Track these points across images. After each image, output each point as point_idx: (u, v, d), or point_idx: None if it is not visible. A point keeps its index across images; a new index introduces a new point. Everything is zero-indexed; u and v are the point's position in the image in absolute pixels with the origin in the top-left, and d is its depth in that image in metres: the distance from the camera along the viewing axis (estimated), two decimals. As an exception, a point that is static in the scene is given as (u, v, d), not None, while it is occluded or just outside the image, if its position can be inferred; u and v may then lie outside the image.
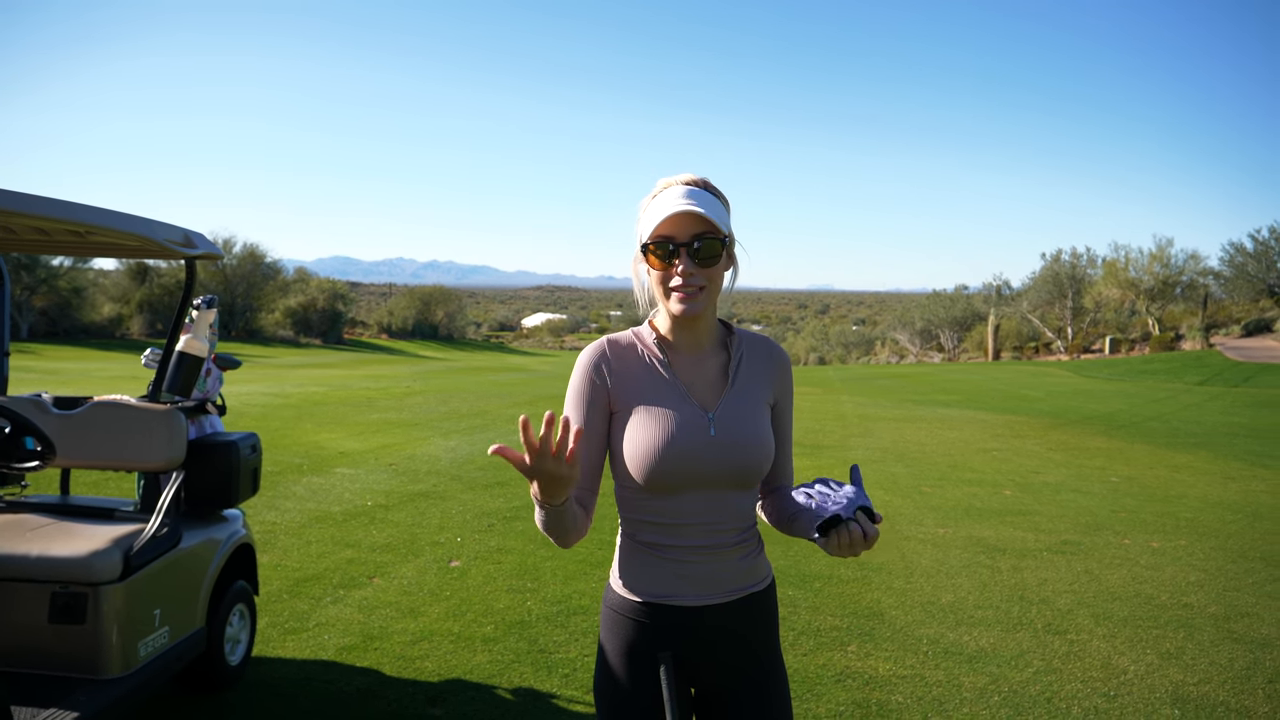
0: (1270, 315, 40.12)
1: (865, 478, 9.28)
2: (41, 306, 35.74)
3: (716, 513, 1.75)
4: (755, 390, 1.81)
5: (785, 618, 4.83)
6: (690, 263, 1.69)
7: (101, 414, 3.54)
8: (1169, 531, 7.10)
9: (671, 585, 1.76)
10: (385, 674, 3.96)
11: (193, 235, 3.56)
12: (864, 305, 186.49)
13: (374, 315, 64.43)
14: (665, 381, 1.76)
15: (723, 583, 1.77)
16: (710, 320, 1.81)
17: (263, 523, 6.49)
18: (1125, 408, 17.77)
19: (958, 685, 4.01)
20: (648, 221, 1.71)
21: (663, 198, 1.72)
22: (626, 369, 1.77)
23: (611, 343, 1.80)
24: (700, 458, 1.71)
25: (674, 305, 1.72)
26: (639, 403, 1.74)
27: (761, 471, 1.77)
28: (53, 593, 3.01)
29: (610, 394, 1.76)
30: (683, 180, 1.75)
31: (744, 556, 1.80)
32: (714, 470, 1.72)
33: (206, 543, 3.62)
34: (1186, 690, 4.01)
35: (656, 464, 1.69)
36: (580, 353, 1.81)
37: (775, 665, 1.84)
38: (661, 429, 1.71)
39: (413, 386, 19.17)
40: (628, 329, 1.86)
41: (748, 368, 1.82)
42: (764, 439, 1.77)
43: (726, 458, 1.72)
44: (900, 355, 56.13)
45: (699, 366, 1.80)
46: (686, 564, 1.75)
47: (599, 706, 1.82)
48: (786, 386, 1.88)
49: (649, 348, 1.80)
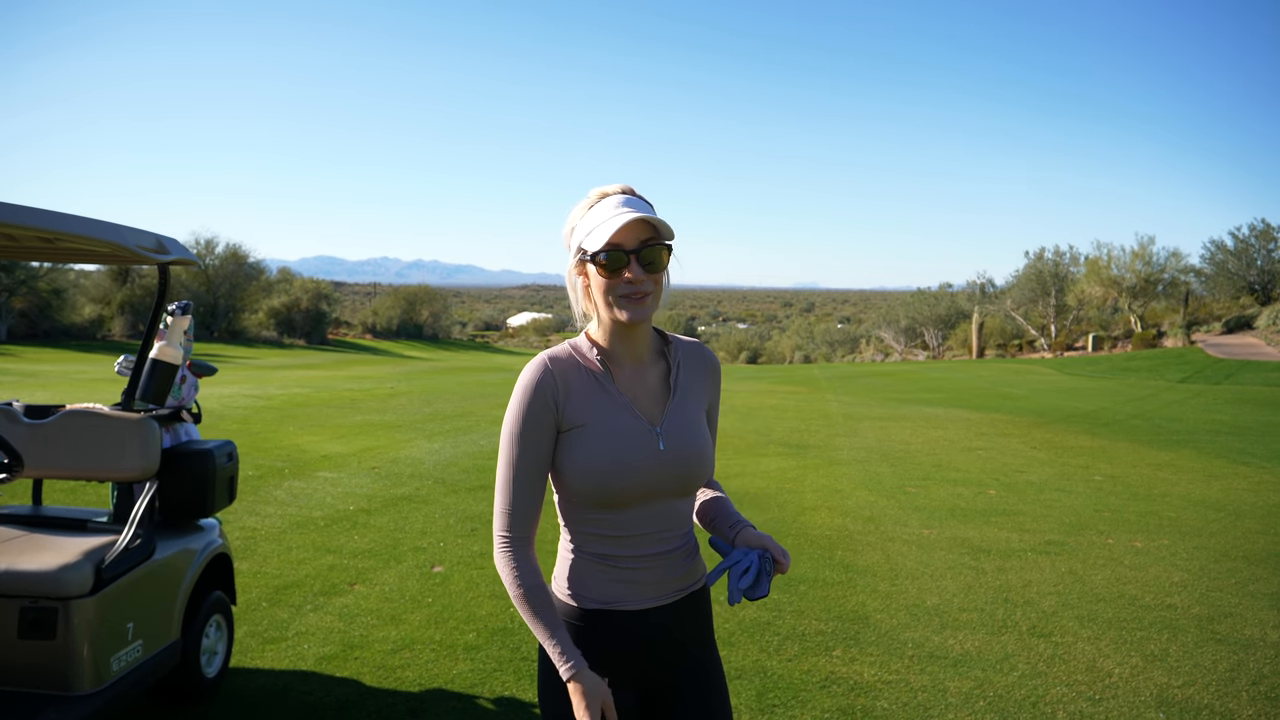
0: (1250, 312, 40.46)
1: (851, 477, 9.30)
2: (21, 308, 35.36)
3: (663, 521, 1.79)
4: (694, 398, 1.85)
5: (769, 623, 4.80)
6: (639, 270, 1.69)
7: (73, 423, 3.47)
8: (1152, 531, 7.12)
9: (620, 591, 1.78)
10: (365, 684, 3.91)
11: (165, 241, 3.49)
12: (849, 303, 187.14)
13: (358, 315, 64.14)
14: (610, 396, 1.76)
15: (667, 585, 1.82)
16: (648, 329, 1.83)
17: (243, 528, 6.42)
18: (1108, 405, 17.87)
19: (943, 690, 3.99)
20: (596, 231, 1.70)
21: (602, 207, 1.73)
22: (571, 386, 1.75)
23: (553, 359, 1.77)
24: (651, 471, 1.73)
25: (622, 313, 1.71)
26: (585, 420, 1.74)
27: (705, 478, 1.83)
28: (22, 607, 2.94)
29: (558, 414, 1.74)
30: (619, 189, 1.77)
31: (686, 558, 1.85)
32: (663, 483, 1.75)
33: (182, 553, 3.55)
34: (1171, 693, 4.00)
35: (609, 482, 1.71)
36: (520, 373, 1.77)
37: (712, 658, 1.91)
38: (611, 447, 1.72)
39: (397, 387, 19.06)
40: (563, 343, 1.84)
41: (685, 376, 1.86)
42: (706, 448, 1.82)
43: (674, 470, 1.76)
44: (885, 353, 56.33)
45: (640, 378, 1.81)
46: (636, 571, 1.78)
47: (544, 715, 1.81)
48: (717, 390, 1.94)
49: (590, 361, 1.78)
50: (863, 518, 7.42)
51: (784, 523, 7.14)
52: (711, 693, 1.87)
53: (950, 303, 55.59)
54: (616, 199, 1.74)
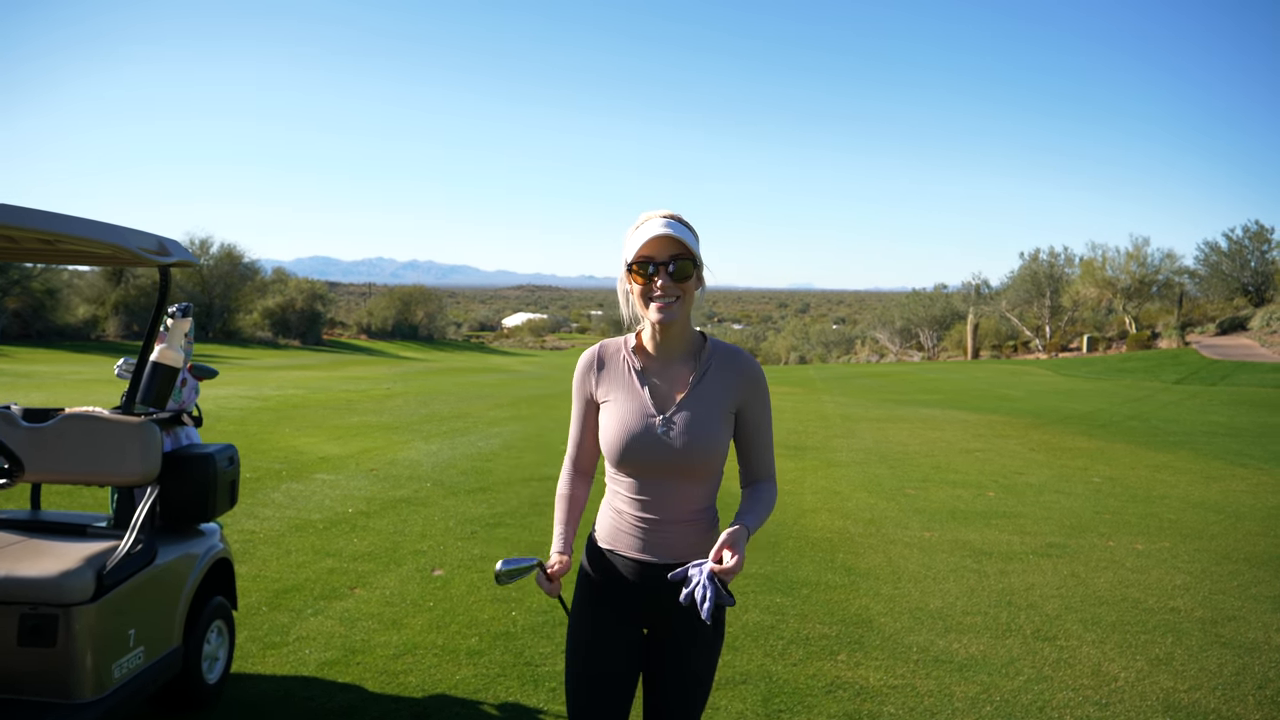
0: (1245, 313, 40.55)
1: (850, 479, 9.29)
2: (14, 308, 35.16)
3: (664, 497, 2.10)
4: (716, 397, 2.11)
5: (773, 626, 4.78)
6: (668, 278, 2.03)
7: (73, 427, 3.43)
8: (1153, 533, 7.12)
9: (622, 541, 2.16)
10: (368, 689, 3.87)
11: (167, 242, 3.45)
12: (844, 304, 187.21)
13: (353, 316, 64.00)
14: (632, 382, 2.15)
15: (663, 550, 2.12)
16: (683, 331, 2.14)
17: (241, 531, 6.37)
18: (1105, 407, 17.89)
19: (949, 695, 3.97)
20: (632, 245, 2.07)
21: (645, 228, 2.06)
22: (608, 370, 2.19)
23: (603, 347, 2.23)
24: (649, 450, 2.07)
25: (653, 314, 2.06)
26: (610, 398, 2.16)
27: (704, 467, 2.08)
28: (22, 614, 2.90)
29: (594, 389, 2.20)
30: (661, 214, 2.09)
31: (688, 533, 2.12)
32: (659, 462, 2.07)
33: (183, 558, 3.51)
34: (1178, 698, 3.99)
35: (613, 450, 2.11)
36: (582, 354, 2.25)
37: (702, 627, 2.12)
38: (620, 422, 2.11)
39: (393, 388, 19.00)
40: (619, 336, 2.25)
41: (714, 377, 2.12)
42: (708, 441, 2.07)
43: (670, 453, 2.06)
44: (880, 354, 56.36)
45: (666, 372, 2.14)
46: (638, 529, 2.13)
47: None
48: (756, 395, 2.15)
49: (628, 354, 2.19)
50: (863, 520, 7.41)
51: (784, 525, 7.11)
52: (696, 650, 2.14)
53: (945, 304, 55.65)
54: (658, 221, 2.05)
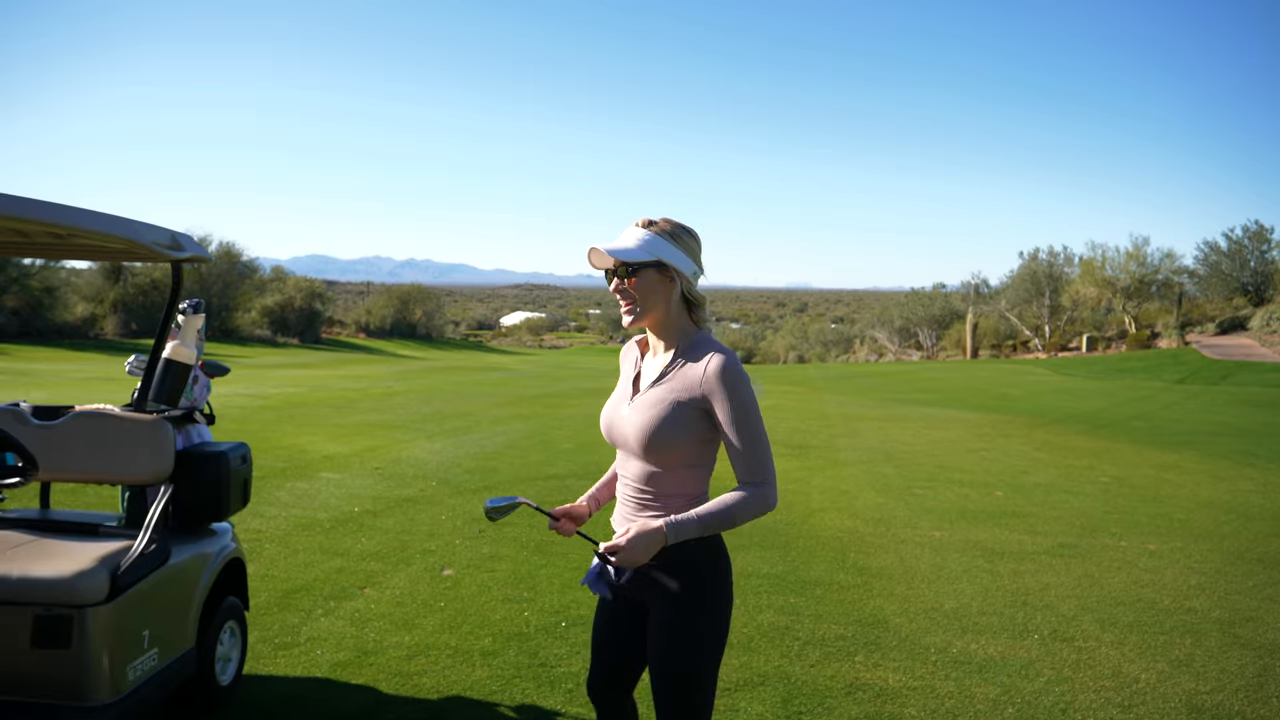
0: (1244, 313, 40.58)
1: (856, 479, 9.25)
2: (13, 306, 35.02)
3: (631, 473, 2.29)
4: (675, 390, 2.20)
5: (788, 627, 4.74)
6: (620, 285, 2.22)
7: (84, 425, 3.38)
8: (1164, 533, 7.09)
9: (617, 516, 2.38)
10: (382, 691, 3.82)
11: (180, 237, 3.40)
12: (842, 303, 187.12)
13: (352, 314, 63.84)
14: (629, 372, 2.41)
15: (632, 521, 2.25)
16: (669, 327, 2.27)
17: (247, 530, 6.32)
18: (1106, 406, 17.87)
19: (970, 697, 3.92)
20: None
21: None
22: (627, 360, 2.46)
23: (632, 341, 2.48)
24: (616, 428, 2.31)
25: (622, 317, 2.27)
26: (619, 381, 2.43)
27: (657, 453, 2.19)
28: (35, 615, 2.84)
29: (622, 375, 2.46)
30: (636, 223, 2.25)
31: (646, 511, 2.25)
32: (622, 436, 2.28)
33: (196, 558, 3.46)
34: (1200, 700, 3.95)
35: (602, 425, 2.37)
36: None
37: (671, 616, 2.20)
38: (608, 403, 2.39)
39: (394, 387, 18.94)
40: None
41: (678, 371, 2.23)
42: (653, 426, 2.18)
43: (628, 431, 2.25)
44: (879, 353, 56.35)
45: (654, 364, 2.33)
46: (622, 506, 2.35)
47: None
48: (716, 394, 2.16)
49: (640, 346, 2.43)
50: (873, 519, 7.37)
51: (793, 524, 7.07)
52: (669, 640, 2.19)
53: (944, 303, 55.67)
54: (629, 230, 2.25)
